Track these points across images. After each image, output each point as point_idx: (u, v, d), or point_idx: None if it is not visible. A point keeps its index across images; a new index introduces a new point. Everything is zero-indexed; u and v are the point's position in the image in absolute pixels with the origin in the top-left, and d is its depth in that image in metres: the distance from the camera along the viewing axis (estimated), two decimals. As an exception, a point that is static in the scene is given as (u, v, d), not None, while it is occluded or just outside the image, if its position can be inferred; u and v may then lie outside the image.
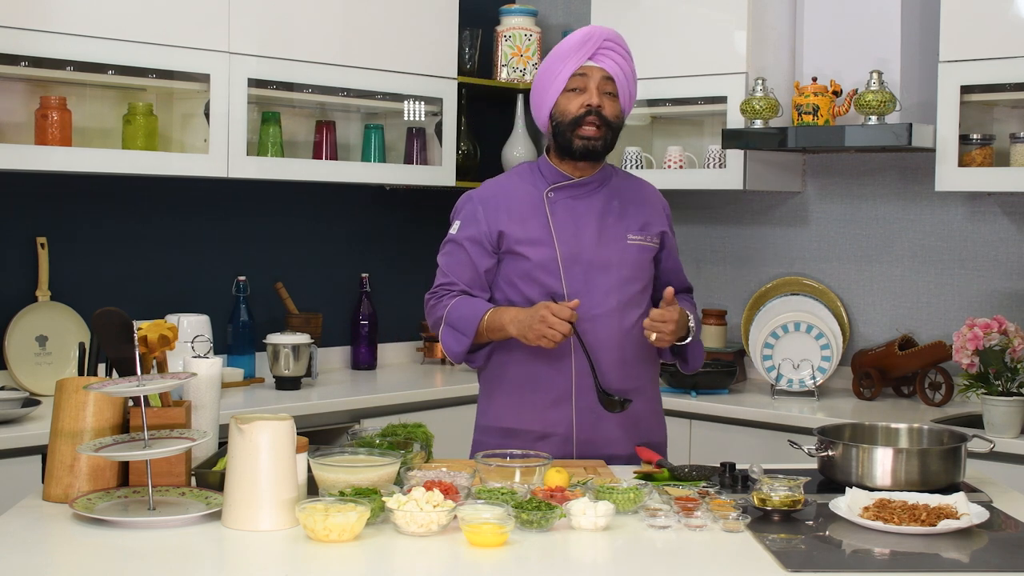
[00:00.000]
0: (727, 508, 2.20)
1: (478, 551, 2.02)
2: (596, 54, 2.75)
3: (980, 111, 3.76)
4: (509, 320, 2.68)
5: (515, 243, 2.76)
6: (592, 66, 2.75)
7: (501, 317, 2.70)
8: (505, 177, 2.90)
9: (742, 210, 4.49)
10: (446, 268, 2.81)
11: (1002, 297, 3.93)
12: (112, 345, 2.38)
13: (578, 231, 2.78)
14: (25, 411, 3.20)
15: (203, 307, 3.94)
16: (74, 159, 3.41)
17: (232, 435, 2.14)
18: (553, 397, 2.75)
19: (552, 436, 2.76)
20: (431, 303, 2.82)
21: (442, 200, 4.75)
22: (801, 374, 3.98)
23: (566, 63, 2.75)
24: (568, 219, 2.78)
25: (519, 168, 2.91)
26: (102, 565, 1.97)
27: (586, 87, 2.75)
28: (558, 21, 4.93)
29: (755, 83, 3.89)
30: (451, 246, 2.82)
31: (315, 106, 4.23)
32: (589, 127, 2.74)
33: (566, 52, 2.76)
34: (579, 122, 2.74)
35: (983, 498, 2.42)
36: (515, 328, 2.67)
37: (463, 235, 2.79)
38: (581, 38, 2.76)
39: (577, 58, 2.75)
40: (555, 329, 2.59)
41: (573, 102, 2.75)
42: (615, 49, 2.77)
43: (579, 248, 2.76)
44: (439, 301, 2.79)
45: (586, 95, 2.75)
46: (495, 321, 2.71)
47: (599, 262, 2.77)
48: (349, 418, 3.77)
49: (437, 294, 2.81)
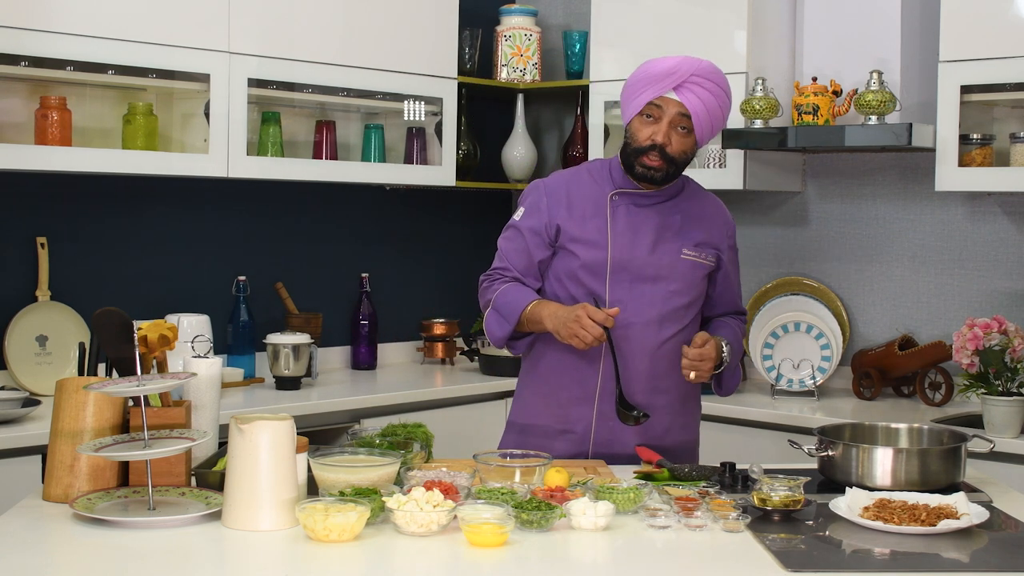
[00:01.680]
0: (727, 508, 2.20)
1: (478, 551, 2.02)
2: (680, 87, 2.68)
3: (980, 111, 3.76)
4: (547, 315, 2.71)
5: (569, 240, 2.77)
6: (671, 99, 2.69)
7: (541, 310, 2.72)
8: (576, 171, 2.89)
9: (742, 210, 4.49)
10: (504, 252, 2.84)
11: (1002, 297, 3.93)
12: (112, 345, 2.38)
13: (634, 239, 2.78)
14: (25, 411, 3.20)
15: (203, 307, 3.94)
16: (74, 159, 3.40)
17: (232, 435, 2.14)
18: (577, 395, 2.79)
19: (570, 434, 2.80)
20: (484, 285, 2.85)
21: (442, 200, 4.75)
22: (801, 374, 3.98)
23: (646, 90, 2.71)
24: (627, 225, 2.78)
25: (592, 164, 2.90)
26: (102, 565, 1.97)
27: (660, 118, 2.71)
28: (558, 21, 4.93)
29: (755, 83, 3.89)
30: (512, 231, 2.84)
31: (315, 106, 4.23)
32: (651, 159, 2.73)
33: (649, 78, 2.71)
34: (643, 152, 2.73)
35: (983, 498, 2.42)
36: (551, 323, 2.69)
37: (525, 223, 2.81)
38: (668, 68, 2.69)
39: (658, 88, 2.69)
40: (587, 331, 2.61)
41: (644, 130, 2.73)
42: (702, 84, 2.70)
43: (631, 255, 2.76)
44: (491, 284, 2.83)
45: (656, 127, 2.71)
46: (535, 313, 2.73)
47: (648, 273, 2.77)
48: (349, 418, 3.77)
49: (491, 277, 2.85)
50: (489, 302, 2.80)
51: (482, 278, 2.87)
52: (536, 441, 2.78)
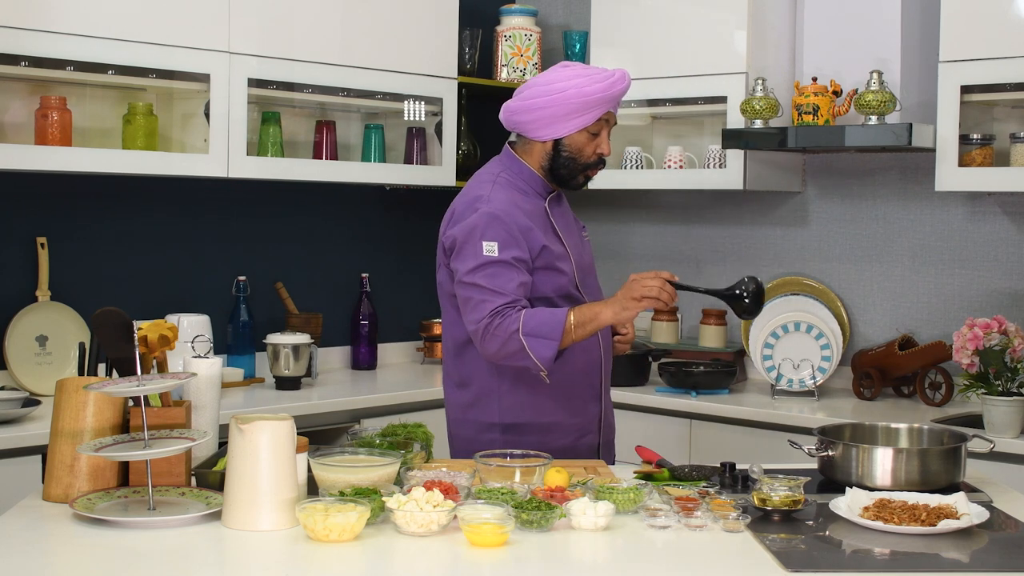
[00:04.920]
0: (727, 508, 2.20)
1: (478, 551, 2.02)
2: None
3: (980, 111, 3.76)
4: (600, 310, 2.64)
5: (553, 257, 2.74)
6: (611, 113, 2.79)
7: (587, 312, 2.64)
8: (504, 190, 2.77)
9: (742, 210, 4.49)
10: (498, 289, 2.63)
11: (1002, 297, 3.93)
12: (112, 345, 2.38)
13: (570, 239, 2.85)
14: (25, 411, 3.20)
15: (203, 307, 3.94)
16: (74, 159, 3.41)
17: (232, 435, 2.15)
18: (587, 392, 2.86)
19: (584, 431, 2.87)
20: (494, 324, 2.61)
21: (442, 200, 4.73)
22: (801, 374, 3.98)
23: (601, 107, 2.74)
24: (563, 227, 2.85)
25: (503, 178, 2.80)
26: (102, 565, 1.97)
27: (600, 132, 2.78)
28: (558, 21, 4.93)
29: (755, 83, 3.89)
30: (495, 267, 2.65)
31: (315, 106, 4.23)
32: (595, 170, 2.81)
33: (608, 98, 2.74)
34: (590, 166, 2.79)
35: (983, 498, 2.42)
36: (611, 312, 2.63)
37: (509, 255, 2.65)
38: (625, 88, 2.76)
39: (612, 107, 2.77)
40: (658, 288, 2.60)
41: (588, 146, 2.77)
42: None
43: (578, 255, 2.85)
44: (504, 320, 2.60)
45: (600, 142, 2.78)
46: (584, 314, 2.63)
47: (587, 265, 2.89)
48: (349, 418, 3.77)
49: (501, 313, 2.61)
50: (514, 333, 2.59)
51: (486, 321, 2.61)
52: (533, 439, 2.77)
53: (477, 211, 2.70)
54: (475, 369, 2.80)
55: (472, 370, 2.80)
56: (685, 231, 4.61)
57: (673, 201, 4.64)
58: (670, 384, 4.00)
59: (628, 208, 4.75)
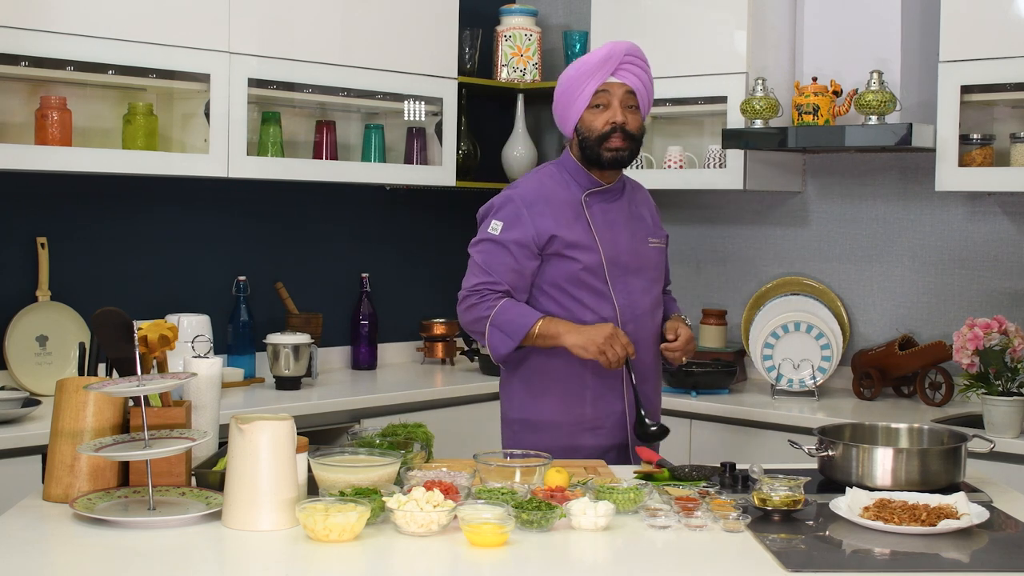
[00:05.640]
0: (727, 508, 2.20)
1: (478, 551, 2.02)
2: (617, 70, 2.84)
3: (980, 111, 3.76)
4: (565, 331, 2.77)
5: (564, 247, 2.82)
6: (614, 82, 2.84)
7: (556, 327, 2.77)
8: (538, 179, 2.93)
9: (742, 210, 4.49)
10: (487, 267, 2.83)
11: (1002, 297, 3.93)
12: (112, 345, 2.38)
13: (614, 236, 2.89)
14: (25, 411, 3.20)
15: (203, 307, 3.94)
16: (74, 159, 3.41)
17: (232, 435, 2.15)
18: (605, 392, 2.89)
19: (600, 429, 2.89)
20: (471, 301, 2.83)
21: (442, 200, 4.75)
22: (801, 374, 3.98)
23: (589, 81, 2.82)
24: (604, 223, 2.89)
25: (546, 170, 2.96)
26: (102, 565, 1.97)
27: (609, 103, 2.84)
28: (558, 21, 4.93)
29: (755, 83, 3.89)
30: (491, 245, 2.84)
31: (315, 106, 4.23)
32: (614, 140, 2.84)
33: (589, 69, 2.83)
34: (606, 137, 2.83)
35: (983, 498, 2.42)
36: (573, 339, 2.75)
37: (507, 237, 2.82)
38: (603, 56, 2.82)
39: (600, 76, 2.82)
40: (617, 353, 2.73)
41: (598, 119, 2.84)
42: (635, 63, 2.86)
43: (616, 252, 2.88)
44: (482, 300, 2.81)
45: (610, 112, 2.83)
46: (549, 330, 2.77)
47: (634, 266, 2.91)
48: (349, 418, 3.77)
49: (480, 292, 2.82)
50: (483, 319, 2.81)
51: (466, 293, 2.85)
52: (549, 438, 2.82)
53: (503, 192, 2.92)
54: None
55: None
56: (685, 231, 4.61)
57: (673, 201, 4.64)
58: (670, 384, 4.00)
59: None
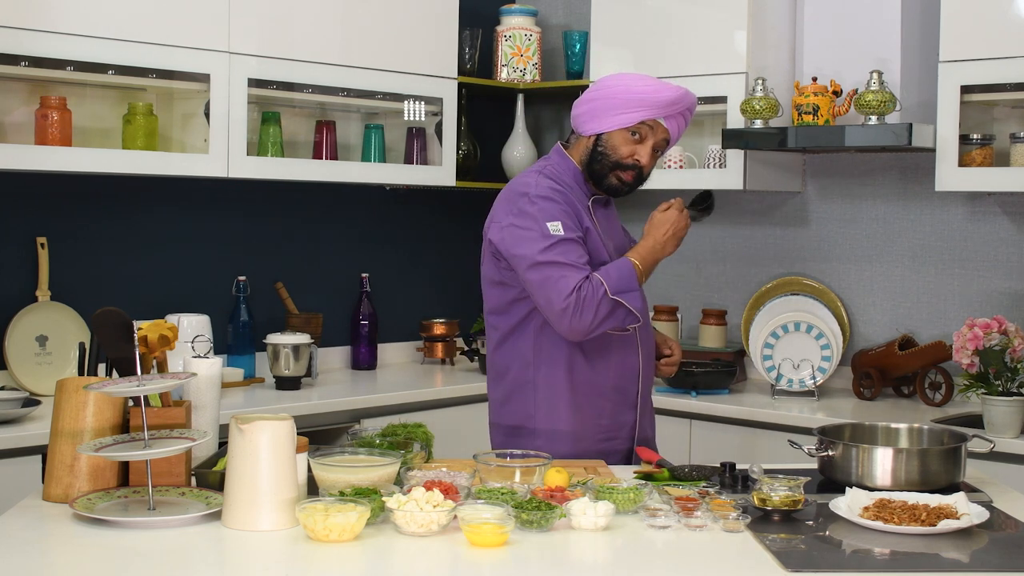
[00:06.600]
0: (727, 508, 2.20)
1: (478, 551, 2.02)
2: (671, 116, 2.77)
3: (980, 111, 3.76)
4: (648, 251, 2.78)
5: (593, 248, 2.78)
6: (660, 124, 2.77)
7: (642, 255, 2.77)
8: (545, 178, 2.79)
9: (742, 210, 4.49)
10: (575, 262, 2.65)
11: (1002, 297, 3.93)
12: (112, 345, 2.38)
13: (612, 241, 2.87)
14: (25, 411, 3.20)
15: (203, 307, 3.94)
16: (74, 159, 3.41)
17: (232, 435, 2.14)
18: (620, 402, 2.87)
19: (614, 439, 2.86)
20: (583, 295, 2.62)
21: (442, 200, 4.75)
22: (801, 374, 3.98)
23: (645, 110, 2.74)
24: (605, 229, 2.86)
25: (548, 171, 2.82)
26: (102, 565, 1.97)
27: (644, 139, 2.77)
28: (558, 21, 4.93)
29: (755, 83, 3.89)
30: (566, 244, 2.67)
31: (315, 106, 4.23)
32: (627, 174, 2.78)
33: (651, 102, 2.74)
34: (622, 167, 2.77)
35: (983, 498, 2.42)
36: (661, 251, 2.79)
37: (573, 233, 2.69)
38: (673, 99, 2.75)
39: (656, 113, 2.75)
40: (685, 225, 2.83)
41: (626, 146, 2.76)
42: (687, 116, 2.81)
43: (615, 257, 2.84)
44: (588, 289, 2.63)
45: (641, 148, 2.77)
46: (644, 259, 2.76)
47: None
48: (349, 418, 3.77)
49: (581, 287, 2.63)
50: (603, 295, 2.63)
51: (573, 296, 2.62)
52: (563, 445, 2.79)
53: (526, 196, 2.73)
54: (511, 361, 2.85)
55: (508, 362, 2.85)
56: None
57: (673, 201, 4.64)
58: (670, 384, 4.00)
59: (628, 208, 4.74)
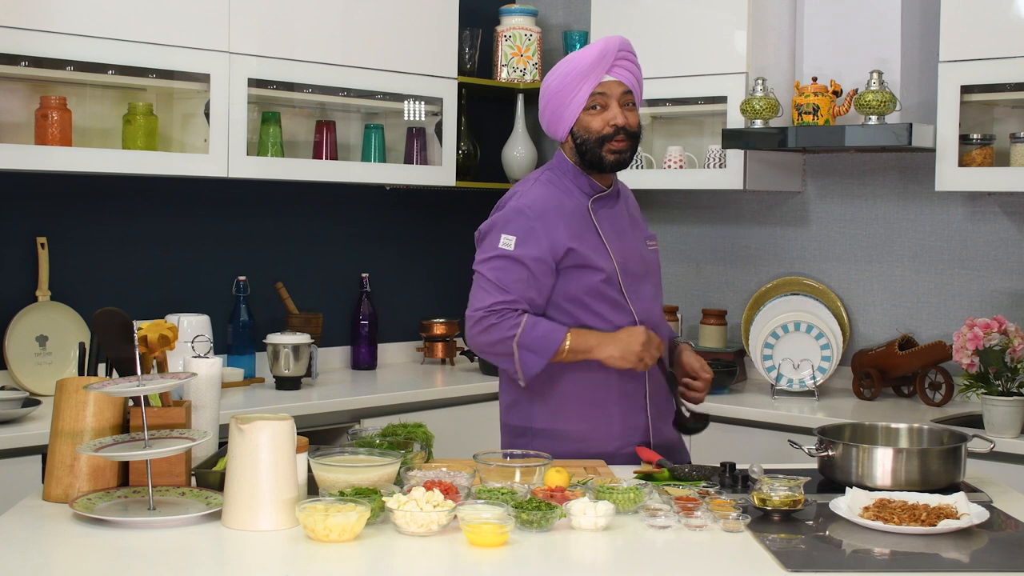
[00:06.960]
0: (727, 508, 2.20)
1: (478, 551, 2.02)
2: (612, 67, 2.71)
3: (980, 111, 3.76)
4: (597, 343, 2.66)
5: (581, 259, 2.70)
6: (610, 81, 2.71)
7: (587, 340, 2.66)
8: (540, 187, 2.76)
9: (742, 210, 4.49)
10: (503, 285, 2.63)
11: (1002, 297, 3.93)
12: (112, 345, 2.38)
13: (622, 243, 2.79)
14: (25, 411, 3.20)
15: (203, 307, 3.94)
16: (74, 159, 3.41)
17: (232, 435, 2.15)
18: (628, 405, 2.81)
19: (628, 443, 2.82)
20: (489, 321, 2.62)
21: (442, 200, 4.75)
22: (801, 374, 3.98)
23: (584, 81, 2.69)
24: (611, 230, 2.78)
25: (545, 176, 2.80)
26: (102, 565, 1.97)
27: (607, 104, 2.71)
28: (558, 21, 4.93)
29: (755, 83, 3.89)
30: (506, 262, 2.65)
31: (315, 106, 4.23)
32: (618, 143, 2.72)
33: (583, 69, 2.69)
34: (607, 139, 2.72)
35: (983, 498, 2.42)
36: (608, 352, 2.66)
37: (524, 253, 2.64)
38: (598, 54, 2.69)
39: (595, 75, 2.70)
40: (653, 357, 2.69)
41: (596, 120, 2.71)
42: (628, 58, 2.74)
43: (626, 260, 2.77)
44: (501, 320, 2.62)
45: (609, 113, 2.71)
46: (580, 344, 2.65)
47: (640, 271, 2.81)
48: (349, 418, 3.77)
49: (498, 312, 2.63)
50: (508, 339, 2.62)
51: (483, 314, 2.63)
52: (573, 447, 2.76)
53: (508, 202, 2.74)
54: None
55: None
56: (685, 231, 4.61)
57: (673, 201, 4.64)
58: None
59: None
